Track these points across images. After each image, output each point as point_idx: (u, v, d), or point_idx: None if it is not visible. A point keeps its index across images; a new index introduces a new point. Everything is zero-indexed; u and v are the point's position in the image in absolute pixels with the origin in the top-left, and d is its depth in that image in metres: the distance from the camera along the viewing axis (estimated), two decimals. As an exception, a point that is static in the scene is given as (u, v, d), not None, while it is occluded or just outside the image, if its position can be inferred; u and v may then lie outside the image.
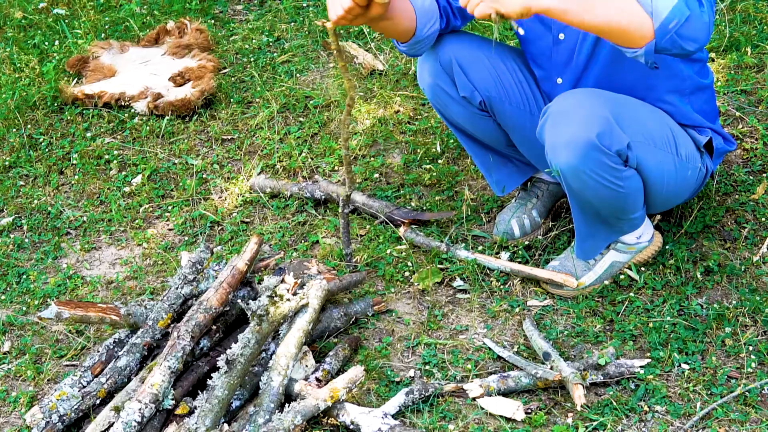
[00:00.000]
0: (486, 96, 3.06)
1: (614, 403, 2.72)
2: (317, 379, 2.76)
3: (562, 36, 2.94)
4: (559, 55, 2.97)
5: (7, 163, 3.97)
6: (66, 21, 4.88)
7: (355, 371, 2.74)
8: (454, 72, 3.03)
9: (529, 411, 2.73)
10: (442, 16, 2.96)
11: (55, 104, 4.25)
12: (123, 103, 4.20)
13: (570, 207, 3.01)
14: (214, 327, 2.86)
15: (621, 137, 2.73)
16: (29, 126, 4.15)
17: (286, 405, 2.64)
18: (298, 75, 4.33)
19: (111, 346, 2.86)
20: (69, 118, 4.18)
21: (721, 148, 3.06)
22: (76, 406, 2.70)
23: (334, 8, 2.67)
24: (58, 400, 2.70)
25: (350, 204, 3.21)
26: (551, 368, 2.77)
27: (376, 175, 3.68)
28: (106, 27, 4.83)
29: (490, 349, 2.94)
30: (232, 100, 4.20)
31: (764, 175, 3.44)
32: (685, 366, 2.83)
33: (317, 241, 3.41)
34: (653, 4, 2.49)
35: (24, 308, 3.26)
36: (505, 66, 3.07)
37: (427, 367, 2.90)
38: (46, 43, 4.71)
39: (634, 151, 2.77)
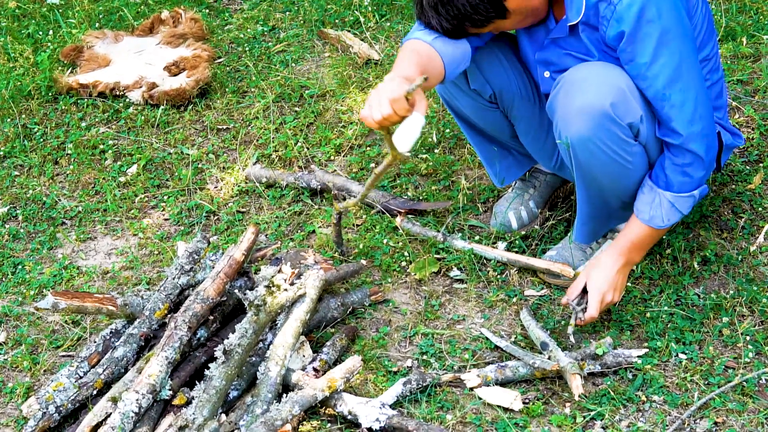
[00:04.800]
0: (498, 89, 3.05)
1: (612, 393, 2.72)
2: (315, 369, 2.76)
3: (546, 74, 2.95)
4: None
5: (1, 153, 3.95)
6: (60, 11, 4.86)
7: (353, 361, 2.74)
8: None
9: (527, 401, 2.72)
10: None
11: (50, 94, 4.23)
12: (118, 93, 4.18)
13: (572, 189, 2.99)
14: (212, 317, 2.85)
15: (635, 109, 2.70)
16: (24, 116, 4.13)
17: (284, 395, 2.64)
18: (293, 65, 4.31)
19: (107, 337, 2.85)
20: (63, 107, 4.16)
21: (730, 143, 3.03)
22: (72, 397, 2.69)
23: (380, 110, 2.53)
24: (54, 390, 2.69)
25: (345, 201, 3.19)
26: (549, 358, 2.76)
27: (372, 165, 3.67)
28: (101, 16, 4.81)
29: (487, 339, 2.93)
30: (227, 89, 4.18)
31: (761, 164, 3.44)
32: (682, 356, 2.83)
33: (313, 231, 3.40)
34: (650, 215, 2.83)
35: (20, 299, 3.25)
36: (515, 58, 3.05)
37: (425, 357, 2.89)
38: (40, 33, 4.69)
39: (645, 125, 2.75)
